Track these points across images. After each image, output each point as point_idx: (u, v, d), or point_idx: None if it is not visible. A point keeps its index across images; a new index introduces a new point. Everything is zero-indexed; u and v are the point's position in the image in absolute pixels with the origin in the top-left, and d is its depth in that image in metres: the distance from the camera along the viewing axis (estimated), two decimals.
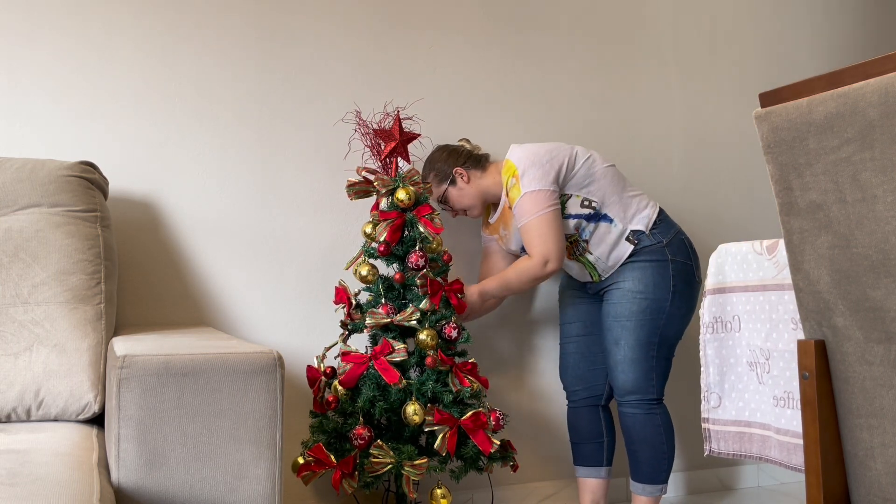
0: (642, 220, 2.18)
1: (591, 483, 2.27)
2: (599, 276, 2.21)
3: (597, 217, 2.16)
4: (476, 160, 2.26)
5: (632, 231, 2.17)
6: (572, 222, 2.16)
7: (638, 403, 2.16)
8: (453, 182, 2.22)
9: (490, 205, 2.34)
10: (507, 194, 2.17)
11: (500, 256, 2.35)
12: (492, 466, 2.04)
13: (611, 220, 2.17)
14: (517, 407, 2.49)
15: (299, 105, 2.31)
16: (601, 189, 2.17)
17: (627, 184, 2.22)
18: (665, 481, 2.18)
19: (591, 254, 2.19)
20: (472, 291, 2.16)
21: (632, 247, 2.16)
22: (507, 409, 2.47)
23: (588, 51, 2.63)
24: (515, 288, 2.16)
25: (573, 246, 2.21)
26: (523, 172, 2.12)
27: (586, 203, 2.15)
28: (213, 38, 2.22)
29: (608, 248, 2.17)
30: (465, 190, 2.23)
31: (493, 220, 2.30)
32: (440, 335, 2.03)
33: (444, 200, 2.26)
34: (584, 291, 2.33)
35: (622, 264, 2.18)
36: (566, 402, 2.34)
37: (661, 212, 2.22)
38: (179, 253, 2.19)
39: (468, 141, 2.31)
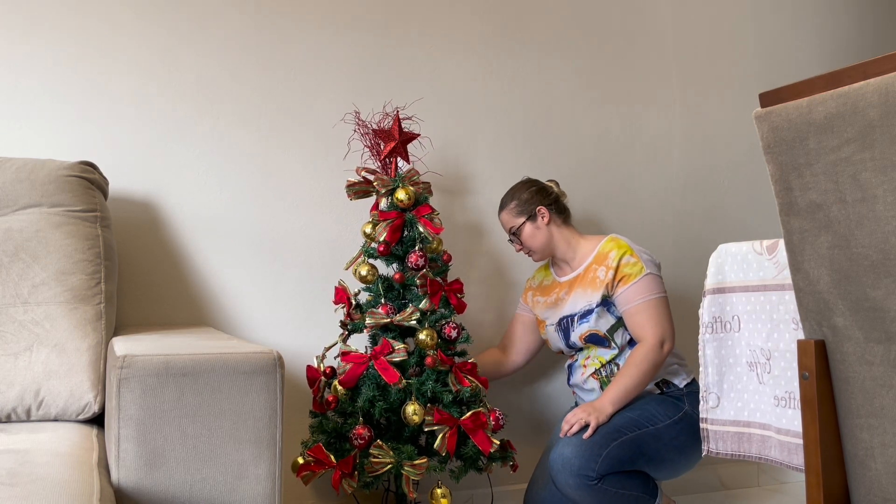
0: (681, 378, 2.13)
1: None
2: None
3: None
4: (561, 209, 2.21)
5: (664, 381, 2.11)
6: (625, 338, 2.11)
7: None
8: (532, 218, 2.16)
9: (550, 264, 2.27)
10: (618, 269, 2.07)
11: (522, 329, 2.30)
12: (492, 466, 2.04)
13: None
14: (517, 407, 2.49)
15: (299, 105, 2.31)
16: None
17: None
18: (655, 495, 2.06)
19: (612, 375, 2.10)
20: (606, 408, 2.01)
21: (657, 391, 2.11)
22: (507, 409, 2.47)
23: (588, 50, 2.62)
24: (638, 384, 2.03)
25: (607, 364, 2.13)
26: (639, 253, 2.08)
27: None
28: (213, 38, 2.22)
29: None
30: (540, 231, 2.17)
31: (563, 279, 2.20)
32: (440, 335, 2.03)
33: (515, 233, 2.18)
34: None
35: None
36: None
37: (693, 381, 2.14)
38: (179, 253, 2.19)
39: (557, 184, 2.26)
